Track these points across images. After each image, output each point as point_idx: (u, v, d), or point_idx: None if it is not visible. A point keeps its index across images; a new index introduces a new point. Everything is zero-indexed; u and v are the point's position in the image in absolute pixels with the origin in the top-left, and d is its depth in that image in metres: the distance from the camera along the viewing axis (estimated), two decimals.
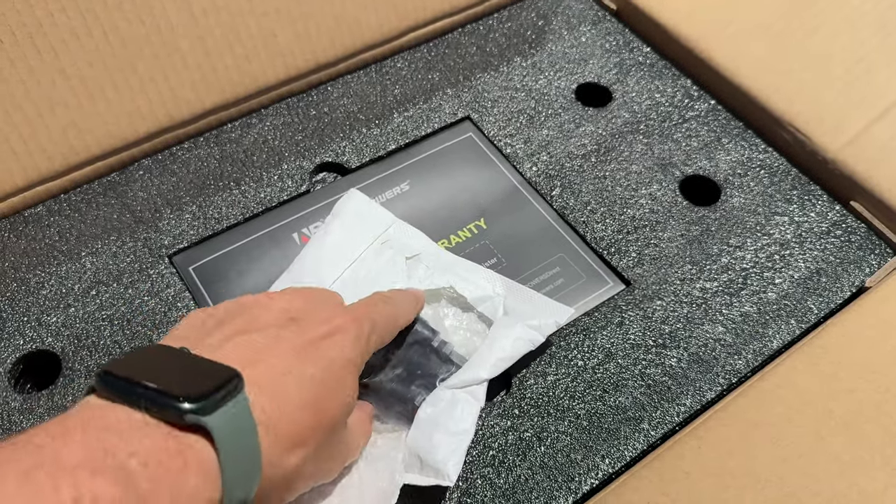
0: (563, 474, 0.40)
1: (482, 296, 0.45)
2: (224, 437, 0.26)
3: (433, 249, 0.47)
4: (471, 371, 0.41)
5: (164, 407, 0.26)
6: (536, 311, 0.44)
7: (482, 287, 0.45)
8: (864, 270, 0.49)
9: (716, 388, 0.44)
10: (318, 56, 0.56)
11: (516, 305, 0.45)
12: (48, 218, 0.50)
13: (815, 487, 0.35)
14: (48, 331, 0.45)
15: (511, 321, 0.43)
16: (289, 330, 0.33)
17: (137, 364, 0.28)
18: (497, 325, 0.43)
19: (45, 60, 0.47)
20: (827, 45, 0.56)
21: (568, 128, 0.56)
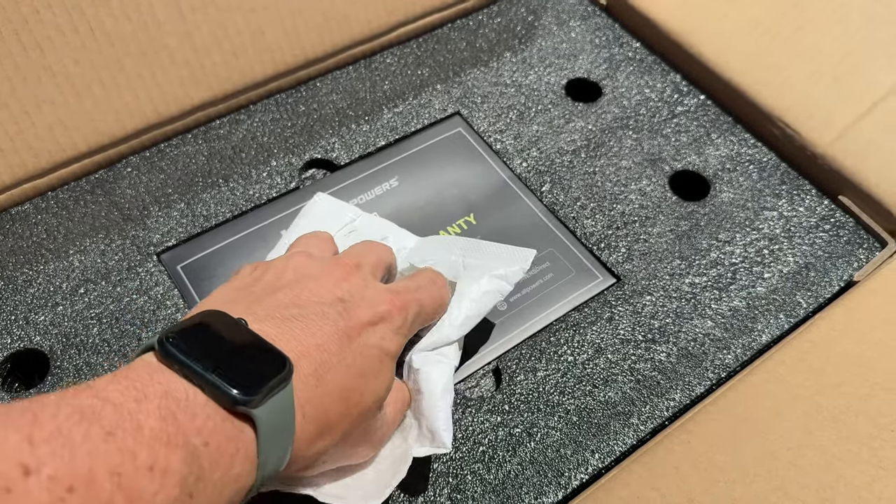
0: (552, 469, 0.41)
1: (443, 265, 0.43)
2: (267, 428, 0.27)
3: (400, 234, 0.47)
4: (441, 331, 0.40)
5: (222, 393, 0.26)
6: (500, 261, 0.43)
7: (443, 255, 0.43)
8: (853, 265, 0.49)
9: (705, 383, 0.44)
10: (307, 52, 0.56)
11: (479, 261, 0.43)
12: (35, 216, 0.50)
13: (803, 480, 0.36)
14: (36, 329, 0.45)
15: (476, 275, 0.42)
16: (335, 310, 0.33)
17: (201, 337, 0.28)
18: (462, 280, 0.42)
19: (30, 57, 0.47)
20: (816, 40, 0.56)
21: (558, 123, 0.56)
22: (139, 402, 0.25)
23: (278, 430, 0.28)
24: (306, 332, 0.31)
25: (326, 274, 0.35)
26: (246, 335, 0.29)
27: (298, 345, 0.30)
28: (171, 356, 0.27)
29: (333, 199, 0.49)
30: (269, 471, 0.28)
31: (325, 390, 0.30)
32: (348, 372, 0.31)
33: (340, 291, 0.34)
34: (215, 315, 0.30)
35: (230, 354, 0.28)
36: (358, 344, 0.32)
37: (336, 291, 0.34)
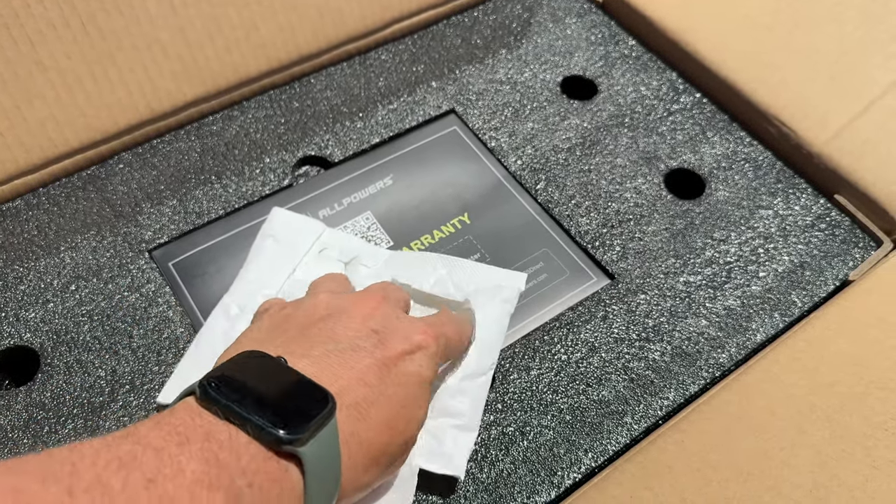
0: (545, 468, 0.40)
1: (428, 280, 0.44)
2: (314, 465, 0.27)
3: (370, 249, 0.47)
4: (477, 360, 0.41)
5: (267, 433, 0.26)
6: (495, 283, 0.44)
7: (425, 271, 0.45)
8: (848, 264, 0.49)
9: (699, 382, 0.44)
10: (301, 48, 0.55)
11: (466, 280, 0.44)
12: (26, 212, 0.49)
13: (796, 480, 0.35)
14: (26, 326, 0.44)
15: (484, 301, 0.43)
16: (371, 342, 0.33)
17: (241, 378, 0.28)
18: (478, 311, 0.43)
19: (22, 52, 0.46)
20: (812, 38, 0.56)
21: (553, 121, 0.55)
22: (181, 446, 0.25)
23: (325, 468, 0.28)
24: (345, 367, 0.31)
25: (357, 307, 0.35)
26: (286, 373, 0.29)
27: (339, 379, 0.30)
28: (212, 399, 0.27)
29: (292, 213, 0.48)
30: None
31: (369, 423, 0.30)
32: (390, 403, 0.32)
33: (374, 323, 0.34)
34: (254, 355, 0.30)
35: (272, 393, 0.28)
36: (397, 373, 0.32)
37: (369, 323, 0.34)
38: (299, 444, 0.27)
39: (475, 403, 0.40)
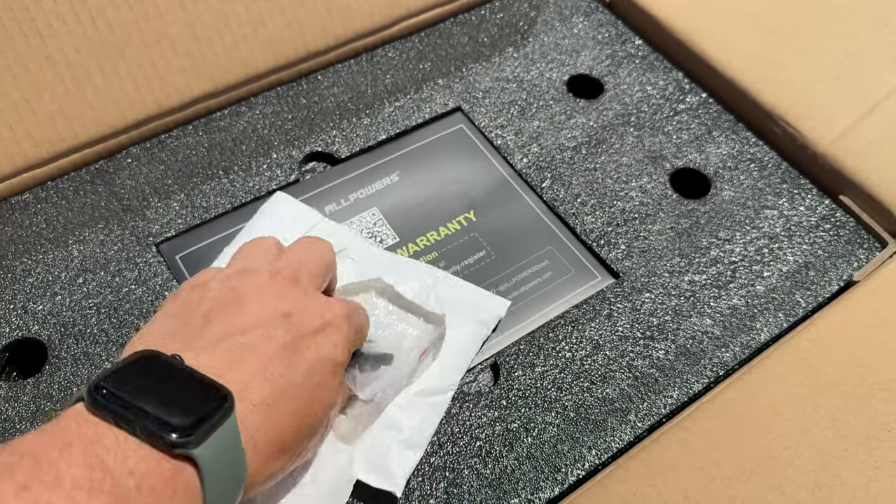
0: (549, 465, 0.41)
1: (411, 286, 0.44)
2: (210, 466, 0.26)
3: (362, 245, 0.47)
4: (438, 378, 0.42)
5: (156, 436, 0.26)
6: (476, 305, 0.45)
7: (411, 277, 0.45)
8: (853, 264, 0.49)
9: (703, 381, 0.44)
10: (309, 44, 0.56)
11: (449, 296, 0.45)
12: (35, 205, 0.50)
13: (799, 480, 0.36)
14: (34, 318, 0.45)
15: (459, 322, 0.44)
16: (280, 328, 0.32)
17: (131, 381, 0.27)
18: (450, 330, 0.43)
19: (31, 46, 0.47)
20: (818, 39, 0.56)
21: (559, 119, 0.55)
22: (62, 452, 0.24)
23: (223, 466, 0.27)
24: (252, 358, 0.31)
25: (266, 292, 0.34)
26: (181, 373, 0.28)
27: (244, 374, 0.30)
28: (100, 405, 0.26)
29: (295, 200, 0.49)
30: (222, 502, 0.28)
31: (278, 413, 0.30)
32: (299, 392, 0.31)
33: (285, 305, 0.33)
34: (147, 355, 0.29)
35: (164, 395, 0.27)
36: (306, 359, 0.32)
37: (280, 306, 0.33)
38: (192, 447, 0.26)
39: (425, 422, 0.41)
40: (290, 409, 0.31)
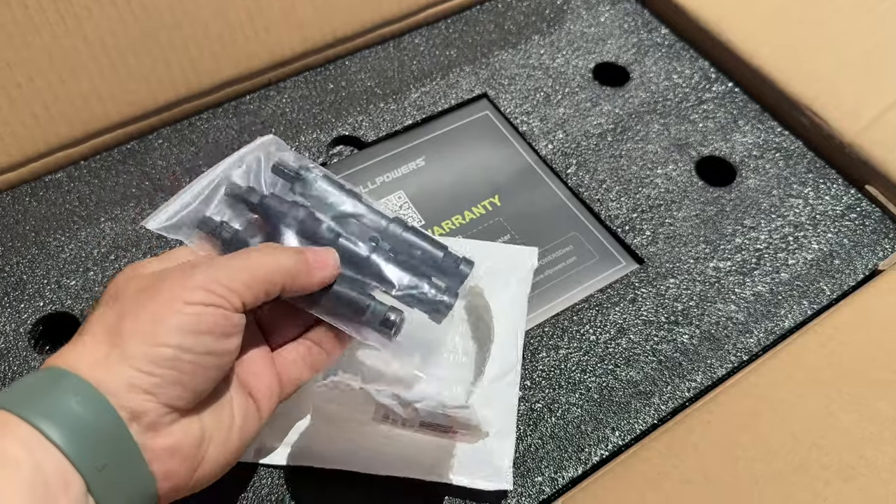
0: (573, 445, 0.41)
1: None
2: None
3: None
4: (501, 358, 0.42)
5: None
6: (508, 262, 0.46)
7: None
8: (878, 254, 0.49)
9: (727, 366, 0.44)
10: (337, 30, 0.56)
11: (478, 257, 0.41)
12: (68, 184, 0.51)
13: (823, 460, 0.36)
14: (67, 293, 0.46)
15: (500, 285, 0.44)
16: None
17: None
18: (493, 300, 0.43)
19: (68, 27, 0.48)
20: (845, 29, 0.56)
21: (584, 107, 0.56)
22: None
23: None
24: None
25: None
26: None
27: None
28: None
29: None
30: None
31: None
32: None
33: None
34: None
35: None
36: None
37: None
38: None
39: (507, 406, 0.41)
40: None
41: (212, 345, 0.30)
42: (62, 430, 0.26)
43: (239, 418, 0.33)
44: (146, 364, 0.28)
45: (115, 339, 0.29)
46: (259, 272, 0.32)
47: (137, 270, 0.33)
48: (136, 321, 0.29)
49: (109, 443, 0.28)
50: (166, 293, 0.30)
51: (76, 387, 0.28)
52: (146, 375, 0.28)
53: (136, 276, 0.32)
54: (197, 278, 0.30)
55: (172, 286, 0.30)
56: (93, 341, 0.29)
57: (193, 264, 0.32)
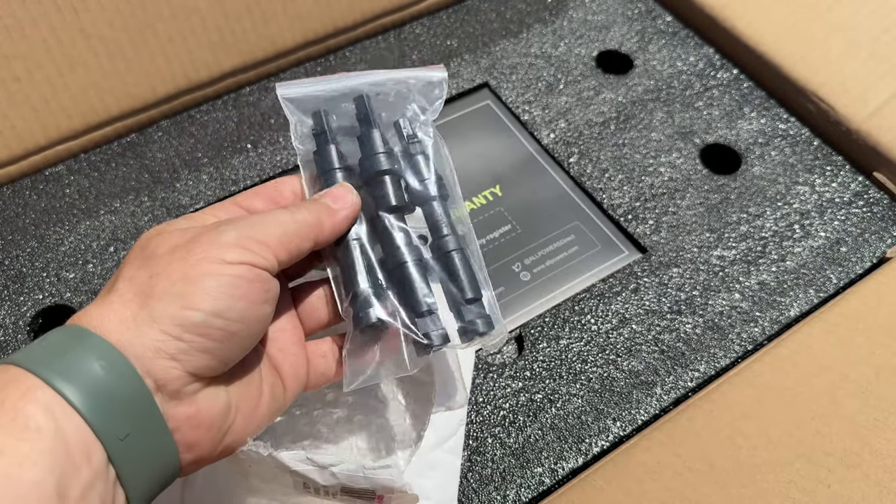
0: (573, 435, 0.40)
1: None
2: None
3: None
4: (442, 416, 0.38)
5: None
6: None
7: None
8: (886, 241, 0.48)
9: (731, 355, 0.43)
10: (337, 21, 0.56)
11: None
12: (68, 177, 0.50)
13: (827, 447, 0.35)
14: (67, 286, 0.46)
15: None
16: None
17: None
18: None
19: (66, 19, 0.47)
20: (852, 14, 0.55)
21: (587, 95, 0.55)
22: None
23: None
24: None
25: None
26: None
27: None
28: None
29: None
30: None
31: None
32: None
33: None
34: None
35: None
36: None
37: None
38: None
39: (448, 476, 0.38)
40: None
41: (244, 311, 0.29)
42: (86, 396, 0.25)
43: (267, 394, 0.32)
44: (174, 328, 0.27)
45: (145, 300, 0.27)
46: (290, 227, 0.30)
47: (166, 227, 0.31)
48: (168, 280, 0.28)
49: (133, 411, 0.27)
50: (199, 252, 0.28)
51: (101, 349, 0.26)
52: (174, 340, 0.27)
53: (165, 231, 0.30)
54: (230, 234, 0.29)
55: (206, 244, 0.29)
56: (120, 301, 0.28)
57: (224, 221, 0.30)
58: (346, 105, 0.35)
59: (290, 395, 0.33)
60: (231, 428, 0.30)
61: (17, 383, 0.25)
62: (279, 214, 0.31)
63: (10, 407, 0.24)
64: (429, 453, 0.38)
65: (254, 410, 0.31)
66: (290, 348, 0.33)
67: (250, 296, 0.29)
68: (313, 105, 0.34)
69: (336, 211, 0.32)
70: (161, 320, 0.27)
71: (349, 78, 0.35)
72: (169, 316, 0.27)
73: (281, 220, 0.30)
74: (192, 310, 0.27)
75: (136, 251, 0.30)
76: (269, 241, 0.29)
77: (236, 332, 0.29)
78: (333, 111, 0.35)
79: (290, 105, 0.34)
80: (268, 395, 0.31)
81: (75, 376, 0.25)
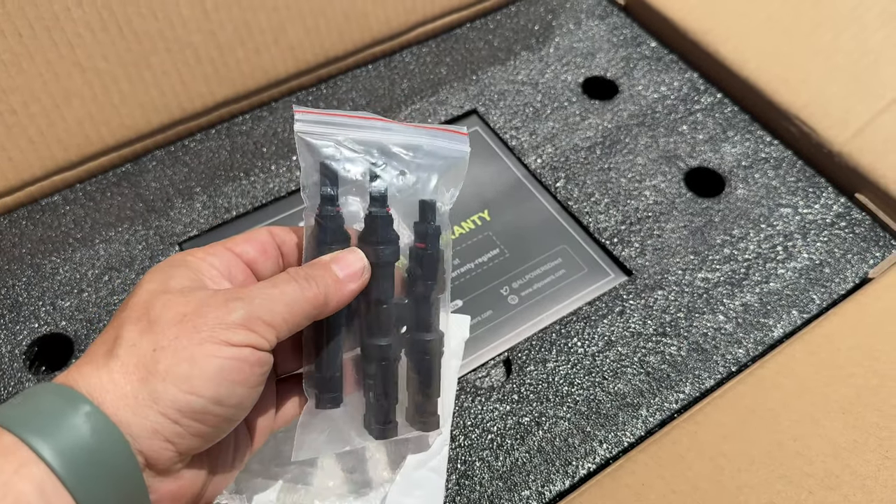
0: (560, 458, 0.41)
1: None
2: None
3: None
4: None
5: None
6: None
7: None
8: (868, 262, 0.49)
9: (715, 377, 0.44)
10: (328, 50, 0.57)
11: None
12: (64, 206, 0.51)
13: (807, 469, 0.36)
14: (62, 314, 0.46)
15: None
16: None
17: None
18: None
19: (62, 53, 0.49)
20: (833, 37, 0.56)
21: (573, 120, 0.56)
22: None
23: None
24: None
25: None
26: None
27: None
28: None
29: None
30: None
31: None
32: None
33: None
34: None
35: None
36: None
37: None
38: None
39: (432, 496, 0.38)
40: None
41: (242, 397, 0.29)
42: (78, 474, 0.25)
43: (236, 454, 0.32)
44: (174, 412, 0.27)
45: (147, 376, 0.27)
46: (297, 306, 0.30)
47: (169, 282, 0.30)
48: (174, 358, 0.27)
49: (122, 489, 0.26)
50: (206, 330, 0.28)
51: (97, 422, 0.26)
52: (171, 423, 0.27)
53: (169, 291, 0.29)
54: (238, 313, 0.28)
55: (213, 322, 0.28)
56: (122, 371, 0.27)
57: (234, 296, 0.29)
58: (362, 160, 0.34)
59: (256, 444, 0.33)
60: (205, 494, 0.30)
61: (11, 456, 0.25)
62: (288, 290, 0.30)
63: (4, 482, 0.24)
64: (413, 472, 0.38)
65: (226, 475, 0.31)
66: (264, 402, 0.34)
67: (250, 381, 0.29)
68: (327, 151, 0.33)
69: (344, 284, 0.32)
70: (161, 402, 0.27)
71: (372, 127, 0.34)
72: (170, 399, 0.27)
73: (289, 297, 0.30)
74: (194, 395, 0.27)
75: (139, 308, 0.29)
76: (275, 321, 0.29)
77: (230, 418, 0.29)
78: (348, 160, 0.34)
79: (304, 148, 0.33)
80: (237, 455, 0.32)
81: (69, 451, 0.25)
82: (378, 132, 0.34)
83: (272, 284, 0.30)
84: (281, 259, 0.35)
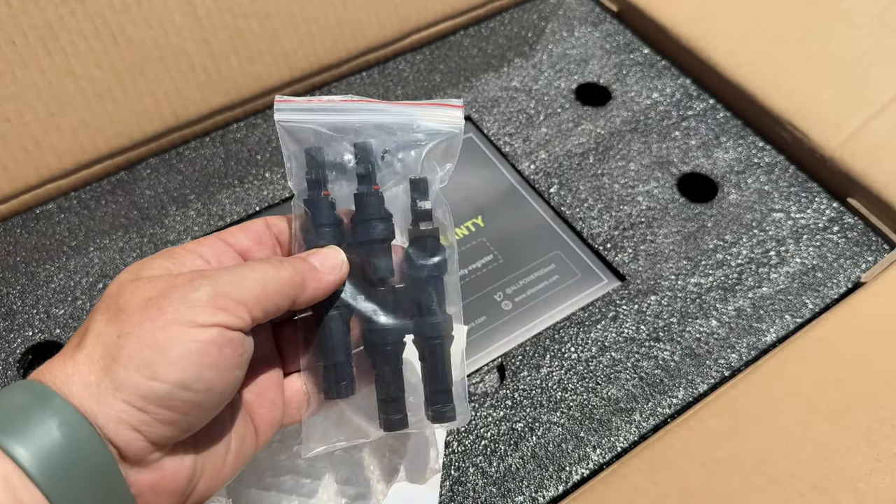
0: (553, 464, 0.41)
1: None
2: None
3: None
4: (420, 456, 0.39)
5: None
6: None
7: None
8: (861, 266, 0.49)
9: (708, 381, 0.44)
10: (321, 58, 0.57)
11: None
12: (58, 215, 0.52)
13: (799, 473, 0.36)
14: (56, 322, 0.46)
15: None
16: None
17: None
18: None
19: (55, 62, 0.49)
20: (825, 43, 0.56)
21: (567, 127, 0.56)
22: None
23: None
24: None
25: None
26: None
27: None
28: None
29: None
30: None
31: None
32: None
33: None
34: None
35: None
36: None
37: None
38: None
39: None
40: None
41: (212, 382, 0.27)
42: (45, 467, 0.25)
43: (235, 449, 0.31)
44: (137, 399, 0.26)
45: (110, 364, 0.26)
46: (270, 285, 0.29)
47: (142, 272, 0.29)
48: (136, 344, 0.26)
49: (95, 481, 0.26)
50: (170, 311, 0.27)
51: (63, 415, 0.25)
52: (137, 411, 0.26)
53: (139, 279, 0.29)
54: (203, 291, 0.27)
55: (178, 301, 0.27)
56: (87, 361, 0.27)
57: (200, 274, 0.28)
58: (346, 143, 0.33)
59: (262, 440, 0.32)
60: (195, 490, 0.29)
61: None
62: (260, 270, 0.29)
63: None
64: (407, 485, 0.38)
65: (220, 469, 0.30)
66: (268, 393, 0.32)
67: (220, 364, 0.27)
68: (310, 137, 0.33)
69: (322, 275, 0.31)
70: (124, 390, 0.26)
71: (355, 110, 0.33)
72: (133, 386, 0.26)
73: (261, 276, 0.29)
74: (157, 381, 0.26)
75: (109, 298, 0.29)
76: (246, 299, 0.28)
77: (201, 403, 0.28)
78: (331, 145, 0.33)
79: (286, 136, 0.33)
80: (236, 449, 0.31)
81: (36, 445, 0.25)
82: (363, 114, 0.33)
83: (245, 265, 0.30)
84: (278, 248, 0.34)
